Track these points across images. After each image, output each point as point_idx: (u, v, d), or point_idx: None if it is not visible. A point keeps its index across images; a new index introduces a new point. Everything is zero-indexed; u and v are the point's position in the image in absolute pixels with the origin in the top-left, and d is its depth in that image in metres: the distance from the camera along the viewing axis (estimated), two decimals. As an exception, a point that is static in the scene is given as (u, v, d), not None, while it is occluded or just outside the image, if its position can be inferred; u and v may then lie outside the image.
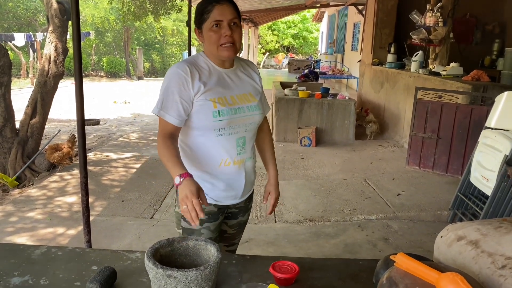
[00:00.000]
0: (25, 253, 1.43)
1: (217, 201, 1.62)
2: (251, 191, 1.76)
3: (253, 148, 1.70)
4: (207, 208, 1.60)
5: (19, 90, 13.43)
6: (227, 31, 1.47)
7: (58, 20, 5.27)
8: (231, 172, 1.60)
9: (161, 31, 25.05)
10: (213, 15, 1.47)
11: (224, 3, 1.48)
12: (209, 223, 1.62)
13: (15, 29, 20.97)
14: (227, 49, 1.50)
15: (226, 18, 1.47)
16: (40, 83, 5.23)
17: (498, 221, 1.17)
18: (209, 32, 1.49)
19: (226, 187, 1.61)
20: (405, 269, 1.02)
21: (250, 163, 1.67)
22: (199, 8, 1.51)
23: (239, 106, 1.56)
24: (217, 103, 1.50)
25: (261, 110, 1.65)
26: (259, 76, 1.72)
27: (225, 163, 1.57)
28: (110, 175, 4.90)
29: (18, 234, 3.38)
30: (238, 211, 1.75)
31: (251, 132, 1.64)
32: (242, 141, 1.59)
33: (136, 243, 3.21)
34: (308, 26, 31.16)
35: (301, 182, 4.60)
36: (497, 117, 3.43)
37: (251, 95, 1.63)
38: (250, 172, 1.68)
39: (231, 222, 1.77)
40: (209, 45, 1.51)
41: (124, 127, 8.50)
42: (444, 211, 3.83)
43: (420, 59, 6.23)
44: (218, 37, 1.48)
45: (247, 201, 1.76)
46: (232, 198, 1.65)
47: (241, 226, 1.83)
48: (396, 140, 6.55)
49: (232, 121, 1.53)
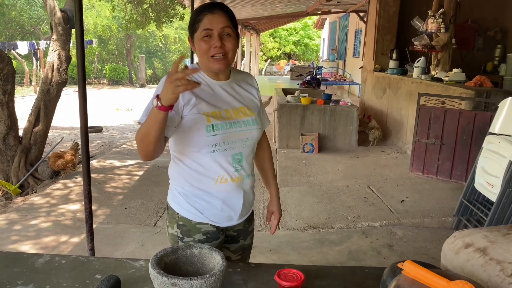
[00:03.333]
0: (28, 262, 1.42)
1: (213, 221, 1.53)
2: (250, 212, 1.66)
3: (252, 165, 1.59)
4: (204, 228, 1.52)
5: (22, 98, 13.51)
6: (217, 42, 1.40)
7: (62, 28, 5.30)
8: (228, 190, 1.51)
9: (163, 39, 25.23)
10: (203, 24, 1.41)
11: (216, 12, 1.41)
12: (209, 243, 1.52)
13: (19, 37, 21.13)
14: (217, 61, 1.43)
15: (217, 28, 1.40)
16: (43, 91, 5.25)
17: (506, 228, 1.16)
18: (200, 42, 1.42)
19: (223, 206, 1.52)
20: (413, 277, 1.00)
21: (249, 181, 1.57)
22: (192, 17, 1.47)
23: (235, 121, 1.48)
24: (211, 117, 1.43)
25: (258, 125, 1.55)
26: (257, 90, 1.64)
27: (222, 180, 1.48)
28: (113, 182, 4.89)
29: (21, 242, 3.37)
30: (237, 234, 1.64)
31: (249, 148, 1.54)
32: (238, 157, 1.50)
33: (139, 251, 3.20)
34: (310, 33, 31.31)
35: (304, 188, 4.59)
36: (501, 122, 3.42)
37: (248, 109, 1.54)
38: (249, 192, 1.58)
39: (232, 247, 1.67)
40: (200, 56, 1.46)
41: (126, 135, 8.52)
42: (448, 217, 3.81)
43: (422, 65, 6.23)
44: (208, 47, 1.41)
45: (246, 223, 1.65)
46: (229, 219, 1.55)
47: (245, 251, 1.71)
48: (399, 146, 6.53)
49: (227, 136, 1.45)
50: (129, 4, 10.76)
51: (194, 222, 1.52)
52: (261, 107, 1.66)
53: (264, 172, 1.80)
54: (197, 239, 1.52)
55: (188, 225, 1.52)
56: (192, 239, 1.52)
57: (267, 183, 1.80)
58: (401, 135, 6.52)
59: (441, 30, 5.82)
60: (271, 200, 1.79)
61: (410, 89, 6.20)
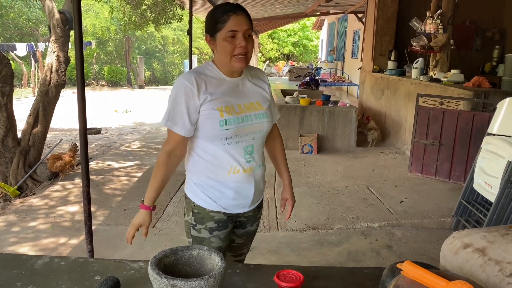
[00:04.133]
0: (27, 264, 1.42)
1: (226, 209, 1.62)
2: (260, 200, 1.76)
3: (262, 156, 1.69)
4: (217, 216, 1.62)
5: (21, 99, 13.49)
6: (242, 42, 1.48)
7: (60, 30, 5.30)
8: (240, 180, 1.60)
9: (162, 40, 25.19)
10: (229, 25, 1.46)
11: (240, 14, 1.48)
12: (219, 231, 1.63)
13: (17, 39, 21.10)
14: (239, 60, 1.50)
15: (242, 29, 1.48)
16: (42, 93, 5.25)
17: (505, 228, 1.17)
18: (224, 42, 1.48)
19: (235, 195, 1.61)
20: (412, 277, 1.01)
21: (260, 171, 1.66)
22: (214, 16, 1.50)
23: (246, 115, 1.56)
24: (224, 112, 1.51)
25: (269, 118, 1.64)
26: (268, 84, 1.71)
27: (234, 171, 1.57)
28: (112, 184, 4.89)
29: (20, 244, 3.36)
30: (247, 220, 1.74)
31: (260, 140, 1.63)
32: (250, 149, 1.59)
33: (138, 252, 3.19)
34: (308, 34, 31.31)
35: (303, 189, 4.59)
36: (499, 123, 3.42)
37: (258, 103, 1.63)
38: (260, 181, 1.68)
39: (238, 232, 1.76)
40: (222, 55, 1.51)
41: (125, 136, 8.51)
42: (447, 218, 3.81)
43: (420, 66, 6.24)
44: (233, 47, 1.48)
45: (256, 210, 1.75)
46: (241, 207, 1.66)
47: (249, 235, 1.81)
48: (397, 147, 6.54)
49: (239, 130, 1.54)
50: (127, 5, 10.75)
51: (208, 210, 1.62)
52: (272, 101, 1.74)
53: (277, 162, 1.87)
54: (209, 226, 1.63)
55: (202, 213, 1.63)
56: (204, 227, 1.63)
57: (279, 172, 1.88)
58: (400, 136, 6.52)
59: (439, 31, 5.84)
60: (284, 188, 1.87)
61: (408, 90, 6.21)
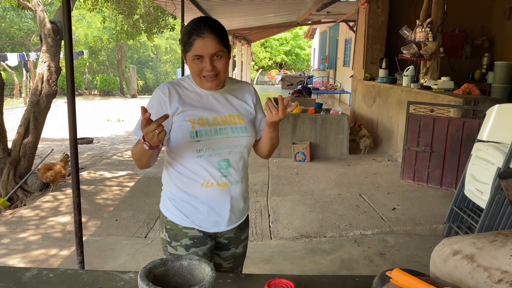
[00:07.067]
0: (15, 276, 1.40)
1: (200, 226, 1.54)
2: (242, 220, 1.64)
3: (242, 172, 1.57)
4: (190, 232, 1.54)
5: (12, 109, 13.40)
6: (208, 66, 1.42)
7: (51, 39, 5.29)
8: (214, 195, 1.52)
9: (155, 49, 25.25)
10: (194, 49, 1.40)
11: (206, 37, 1.39)
12: (196, 248, 1.53)
13: (8, 49, 21.04)
14: (209, 80, 1.46)
15: (208, 53, 1.40)
16: (33, 103, 5.22)
17: (493, 234, 1.17)
18: (192, 63, 1.44)
19: (209, 210, 1.53)
20: (402, 285, 1.01)
21: (238, 188, 1.56)
22: (183, 35, 1.45)
23: (221, 127, 1.50)
24: (196, 123, 1.47)
25: (248, 132, 1.55)
26: (255, 97, 1.63)
27: (207, 184, 1.50)
28: (103, 194, 4.85)
29: (10, 256, 3.32)
30: (228, 242, 1.64)
31: (237, 155, 1.54)
32: (225, 163, 1.51)
33: (130, 263, 3.16)
34: (300, 43, 31.52)
35: (296, 197, 4.58)
36: (489, 130, 3.46)
37: (239, 116, 1.55)
38: (237, 199, 1.57)
39: (223, 254, 1.67)
40: (192, 74, 1.49)
41: (117, 145, 8.47)
42: (439, 224, 3.82)
43: (411, 73, 6.30)
44: (200, 69, 1.44)
45: (238, 231, 1.64)
46: (217, 225, 1.56)
47: (237, 259, 1.70)
48: (389, 154, 6.57)
49: (211, 142, 1.48)
50: (119, 15, 10.77)
51: (181, 227, 1.54)
52: (261, 115, 1.64)
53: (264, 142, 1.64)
54: (184, 243, 1.54)
55: (175, 229, 1.55)
56: (179, 244, 1.54)
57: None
58: (392, 143, 6.56)
59: (429, 39, 5.91)
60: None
61: (399, 98, 6.26)
